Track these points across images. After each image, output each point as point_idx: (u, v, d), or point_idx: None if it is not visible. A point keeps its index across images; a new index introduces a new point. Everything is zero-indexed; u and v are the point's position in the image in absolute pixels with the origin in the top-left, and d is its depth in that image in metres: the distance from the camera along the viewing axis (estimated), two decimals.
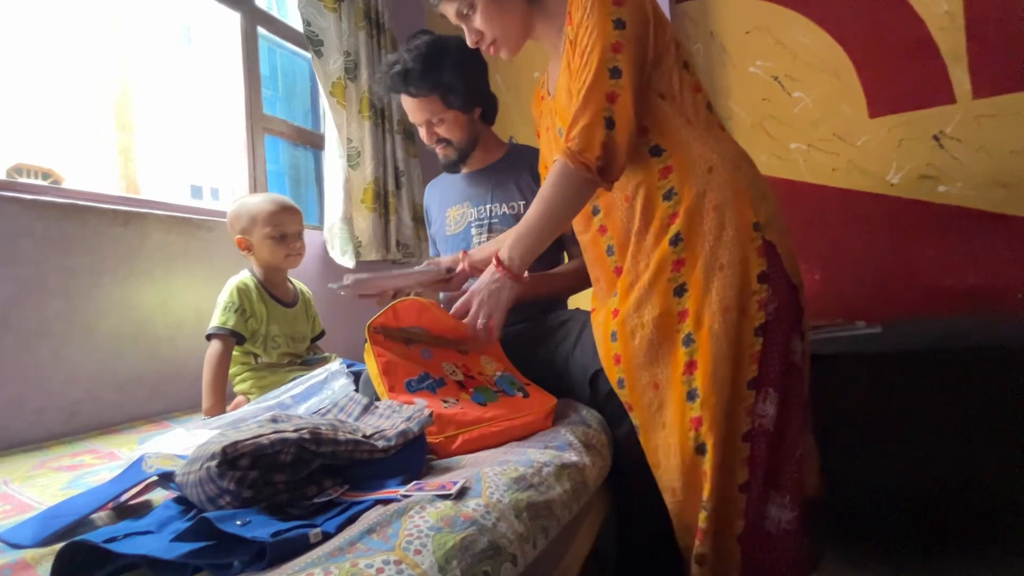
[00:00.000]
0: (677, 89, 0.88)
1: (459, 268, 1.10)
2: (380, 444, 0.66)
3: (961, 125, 1.68)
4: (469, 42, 0.96)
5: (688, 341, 0.83)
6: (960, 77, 1.67)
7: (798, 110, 1.87)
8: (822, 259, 1.81)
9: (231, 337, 1.18)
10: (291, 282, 1.38)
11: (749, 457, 0.81)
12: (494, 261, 0.88)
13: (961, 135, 1.68)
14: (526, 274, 0.90)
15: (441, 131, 1.22)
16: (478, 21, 0.92)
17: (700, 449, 0.81)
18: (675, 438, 0.84)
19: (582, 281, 1.17)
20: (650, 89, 0.86)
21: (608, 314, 0.92)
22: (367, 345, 0.89)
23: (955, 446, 1.28)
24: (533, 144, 1.24)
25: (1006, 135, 1.63)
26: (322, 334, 1.44)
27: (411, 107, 1.21)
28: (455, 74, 1.15)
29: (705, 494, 0.81)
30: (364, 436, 0.66)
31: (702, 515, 0.81)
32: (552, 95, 0.99)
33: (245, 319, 1.21)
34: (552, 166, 0.85)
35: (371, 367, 0.89)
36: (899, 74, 1.74)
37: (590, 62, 0.81)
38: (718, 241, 0.82)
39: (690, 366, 0.82)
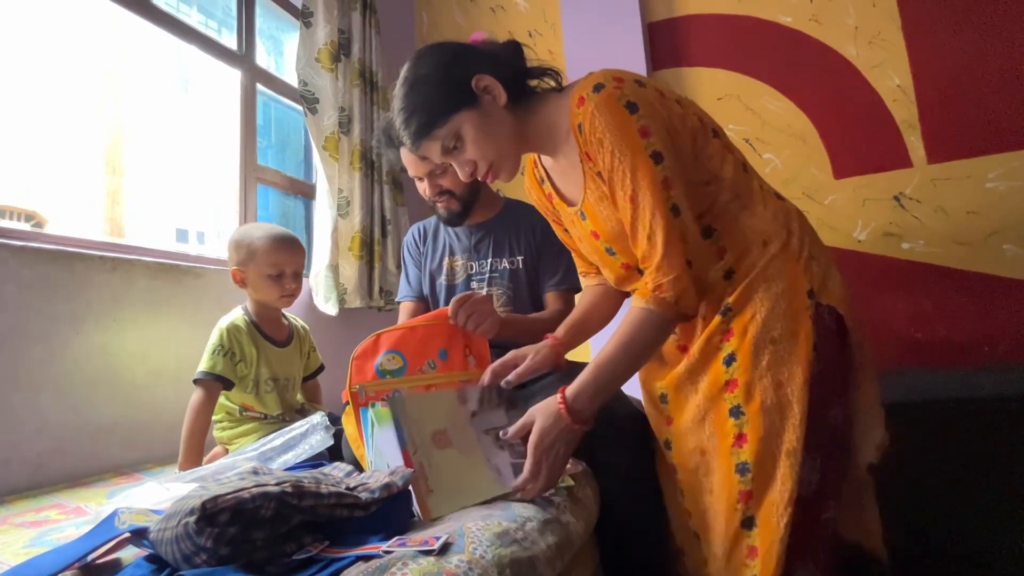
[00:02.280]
0: (717, 166, 0.86)
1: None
2: (363, 496, 0.65)
3: (919, 187, 1.79)
4: (462, 176, 0.89)
5: (737, 413, 0.81)
6: (915, 144, 1.81)
7: (769, 170, 1.98)
8: None
9: (217, 383, 1.14)
10: (286, 318, 1.34)
11: (787, 523, 0.78)
12: (561, 403, 0.79)
13: (920, 196, 1.79)
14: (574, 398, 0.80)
15: (445, 182, 1.24)
16: (469, 151, 0.86)
17: (747, 523, 0.79)
18: (722, 505, 0.82)
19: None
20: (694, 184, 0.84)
21: (660, 379, 0.91)
22: (347, 409, 0.89)
23: (926, 498, 1.29)
24: (521, 198, 1.30)
25: (961, 197, 1.74)
26: (321, 368, 1.40)
27: (416, 158, 1.20)
28: None
29: (756, 571, 0.77)
30: (348, 488, 0.66)
31: None
32: (575, 210, 0.93)
33: (234, 363, 1.17)
34: (636, 313, 0.81)
35: (350, 431, 0.88)
36: (859, 139, 1.87)
37: (652, 209, 0.78)
38: (771, 314, 0.80)
39: (740, 439, 0.80)
